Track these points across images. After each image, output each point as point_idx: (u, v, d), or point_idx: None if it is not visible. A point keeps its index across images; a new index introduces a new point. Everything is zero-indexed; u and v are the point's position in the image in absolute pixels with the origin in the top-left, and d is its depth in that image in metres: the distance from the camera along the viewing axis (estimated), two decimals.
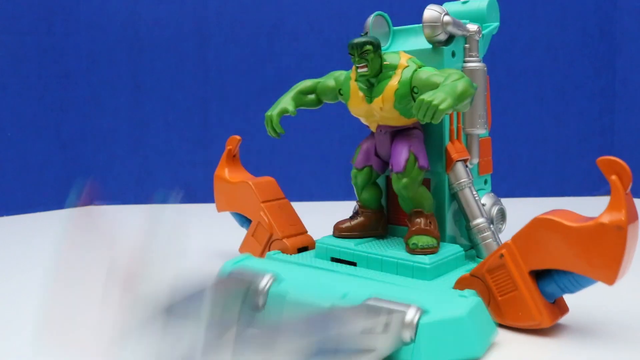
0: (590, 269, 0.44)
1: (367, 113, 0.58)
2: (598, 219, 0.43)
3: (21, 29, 1.16)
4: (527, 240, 0.47)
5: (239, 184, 0.73)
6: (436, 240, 0.56)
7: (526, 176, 1.27)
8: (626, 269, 0.44)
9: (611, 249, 0.42)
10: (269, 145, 1.26)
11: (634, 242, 0.44)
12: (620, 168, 0.43)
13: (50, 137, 1.22)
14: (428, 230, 0.56)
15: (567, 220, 0.45)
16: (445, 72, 0.53)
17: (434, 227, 0.57)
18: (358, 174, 0.62)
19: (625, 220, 0.42)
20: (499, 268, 0.48)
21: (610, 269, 0.43)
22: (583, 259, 0.44)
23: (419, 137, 0.58)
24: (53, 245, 0.87)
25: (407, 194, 0.56)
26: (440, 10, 0.57)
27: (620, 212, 0.42)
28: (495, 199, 0.63)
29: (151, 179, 1.29)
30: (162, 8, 1.25)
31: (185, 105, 1.27)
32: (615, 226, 0.42)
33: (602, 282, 0.44)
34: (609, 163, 0.43)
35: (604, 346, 0.46)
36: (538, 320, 0.47)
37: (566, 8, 1.23)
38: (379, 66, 0.55)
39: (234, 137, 0.76)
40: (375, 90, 0.56)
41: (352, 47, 0.54)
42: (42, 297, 0.61)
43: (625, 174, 0.43)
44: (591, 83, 1.25)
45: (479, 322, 0.43)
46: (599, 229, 0.43)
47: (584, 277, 0.45)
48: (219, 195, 0.76)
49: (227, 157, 0.76)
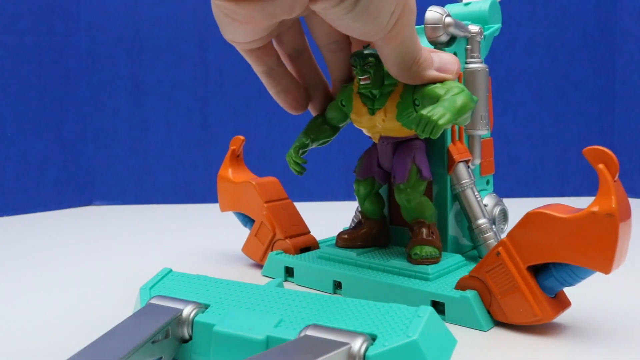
0: (585, 259, 0.44)
1: (369, 124, 0.58)
2: (588, 209, 0.43)
3: (21, 29, 1.16)
4: (522, 236, 0.47)
5: (242, 184, 0.72)
6: (438, 250, 0.56)
7: (526, 176, 1.27)
8: (622, 257, 0.44)
9: (604, 237, 0.42)
10: (269, 146, 1.26)
11: (626, 229, 0.44)
12: (607, 157, 0.43)
13: (50, 137, 1.22)
14: (430, 240, 0.56)
15: (558, 212, 0.45)
16: (446, 85, 0.52)
17: (436, 237, 0.57)
18: (360, 185, 0.62)
19: (615, 208, 0.42)
20: (497, 266, 0.48)
21: (605, 257, 0.43)
22: (578, 249, 0.44)
23: (421, 148, 0.58)
24: (53, 245, 0.87)
25: (409, 205, 0.56)
26: (441, 11, 0.57)
27: (610, 199, 0.42)
28: (498, 199, 0.63)
29: (151, 179, 1.29)
30: (162, 8, 1.25)
31: (185, 105, 1.27)
32: (606, 214, 0.42)
33: (599, 271, 0.44)
34: (595, 153, 0.43)
35: (604, 346, 0.46)
36: (539, 315, 0.47)
37: (566, 8, 1.23)
38: (381, 78, 0.55)
39: (237, 138, 0.75)
40: (377, 102, 0.56)
41: (356, 59, 0.54)
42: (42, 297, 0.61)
43: (612, 163, 0.43)
44: (591, 83, 1.25)
45: (433, 340, 0.38)
46: (590, 218, 0.43)
47: (581, 268, 0.45)
48: (223, 195, 0.76)
49: (230, 157, 0.75)
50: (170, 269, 0.52)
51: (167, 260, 0.77)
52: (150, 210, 1.21)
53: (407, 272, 0.56)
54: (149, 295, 0.48)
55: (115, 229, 1.02)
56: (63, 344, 0.48)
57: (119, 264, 0.76)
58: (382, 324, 0.38)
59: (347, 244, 0.63)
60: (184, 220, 1.08)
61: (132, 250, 0.84)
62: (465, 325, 0.50)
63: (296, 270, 0.64)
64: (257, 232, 0.71)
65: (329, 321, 0.40)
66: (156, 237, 0.94)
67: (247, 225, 0.74)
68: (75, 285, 0.66)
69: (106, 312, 0.56)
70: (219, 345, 0.41)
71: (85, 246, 0.87)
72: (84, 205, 1.28)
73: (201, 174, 1.28)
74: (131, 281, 0.66)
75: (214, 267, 0.73)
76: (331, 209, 1.05)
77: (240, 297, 0.46)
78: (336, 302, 0.42)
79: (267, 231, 0.69)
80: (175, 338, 0.43)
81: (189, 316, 0.43)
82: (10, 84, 1.16)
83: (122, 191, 1.29)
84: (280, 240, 0.68)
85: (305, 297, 0.45)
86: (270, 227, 0.69)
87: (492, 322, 0.50)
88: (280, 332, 0.40)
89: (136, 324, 0.41)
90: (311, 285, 0.63)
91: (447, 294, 0.51)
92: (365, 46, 0.55)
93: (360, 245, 0.62)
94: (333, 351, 0.35)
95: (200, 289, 0.48)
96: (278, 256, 0.67)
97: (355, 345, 0.36)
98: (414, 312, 0.39)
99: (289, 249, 0.67)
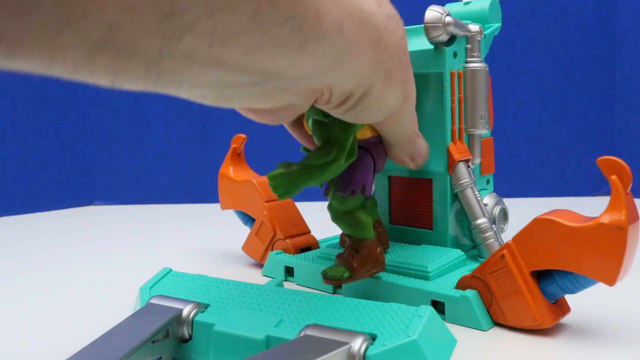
0: (590, 269, 0.44)
1: None
2: (598, 219, 0.43)
3: None
4: (528, 241, 0.47)
5: (243, 183, 0.72)
6: (350, 272, 0.51)
7: (526, 176, 1.27)
8: (627, 269, 0.44)
9: (611, 249, 0.42)
10: (269, 146, 1.26)
11: (634, 243, 0.44)
12: (621, 168, 0.43)
13: (50, 137, 1.22)
14: (347, 261, 0.52)
15: (567, 220, 0.45)
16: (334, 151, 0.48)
17: (360, 257, 0.52)
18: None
19: (625, 220, 0.42)
20: (500, 269, 0.48)
21: (610, 269, 0.43)
22: (583, 259, 0.44)
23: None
24: (53, 245, 0.87)
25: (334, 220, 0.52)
26: (441, 11, 0.57)
27: (621, 212, 0.42)
28: (498, 198, 0.63)
29: (151, 179, 1.29)
30: None
31: (185, 105, 1.27)
32: (616, 226, 0.42)
33: (603, 282, 0.44)
34: (609, 163, 0.43)
35: (604, 346, 0.46)
36: (539, 320, 0.47)
37: (566, 8, 1.23)
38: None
39: (239, 136, 0.75)
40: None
41: None
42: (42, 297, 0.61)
43: (625, 174, 0.43)
44: (591, 83, 1.25)
45: (433, 340, 0.38)
46: (599, 229, 0.43)
47: (585, 278, 0.45)
48: (223, 194, 0.75)
49: (232, 156, 0.75)
50: (170, 268, 0.52)
51: (167, 260, 0.77)
52: (150, 210, 1.21)
53: (407, 271, 0.56)
54: (148, 295, 0.48)
55: (115, 229, 1.02)
56: (63, 344, 0.48)
57: (119, 264, 0.76)
58: (382, 324, 0.38)
59: None
60: (184, 220, 1.08)
61: (132, 250, 0.84)
62: (465, 325, 0.50)
63: (296, 270, 0.64)
64: (257, 232, 0.71)
65: (329, 321, 0.40)
66: (156, 237, 0.94)
67: (247, 224, 0.74)
68: (75, 285, 0.66)
69: (106, 311, 0.56)
70: (218, 344, 0.41)
71: (85, 246, 0.87)
72: (84, 205, 1.28)
73: (201, 174, 1.28)
74: (131, 281, 0.66)
75: (214, 267, 0.73)
76: None
77: (240, 296, 0.46)
78: (336, 302, 0.42)
79: (268, 230, 0.69)
80: (175, 338, 0.43)
81: (189, 316, 0.43)
82: (10, 84, 1.16)
83: (122, 191, 1.29)
84: (280, 239, 0.68)
85: (305, 296, 0.44)
86: (271, 226, 0.69)
87: (492, 322, 0.50)
88: (280, 331, 0.40)
89: (136, 323, 0.41)
90: (311, 285, 0.63)
91: (448, 294, 0.51)
92: None
93: None
94: (333, 351, 0.35)
95: (200, 288, 0.48)
96: (278, 256, 0.67)
97: (355, 344, 0.36)
98: (414, 311, 0.38)
99: (289, 249, 0.67)
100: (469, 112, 0.62)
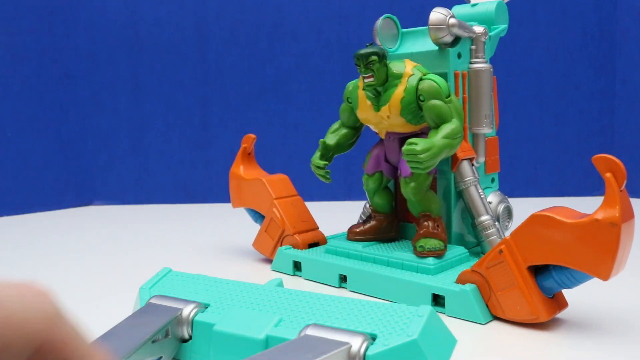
0: (585, 264, 0.44)
1: (375, 120, 0.60)
2: (592, 216, 0.44)
3: (21, 29, 1.16)
4: (525, 237, 0.47)
5: (253, 181, 0.74)
6: (443, 242, 0.57)
7: (526, 176, 1.27)
8: (621, 265, 0.45)
9: (605, 245, 0.43)
10: (269, 146, 1.26)
11: (628, 239, 0.44)
12: (615, 165, 0.44)
13: (50, 137, 1.22)
14: (436, 233, 0.57)
15: (563, 216, 0.46)
16: (444, 112, 0.55)
17: (442, 230, 0.58)
18: (369, 180, 0.64)
19: (619, 217, 0.43)
20: (499, 263, 0.49)
21: (604, 264, 0.43)
22: (578, 254, 0.44)
23: None
24: (53, 245, 0.87)
25: (415, 198, 0.57)
26: (445, 12, 0.58)
27: (614, 208, 0.43)
28: (502, 196, 0.64)
29: (151, 179, 1.29)
30: (162, 8, 1.25)
31: (185, 105, 1.27)
32: (609, 223, 0.43)
33: (597, 277, 0.44)
34: (603, 161, 0.44)
35: (600, 340, 0.46)
36: (536, 314, 0.48)
37: (566, 8, 1.23)
38: (384, 75, 0.56)
39: (249, 136, 0.77)
40: (382, 98, 0.57)
41: (358, 58, 0.55)
42: None
43: (620, 172, 0.43)
44: (591, 83, 1.25)
45: (433, 340, 0.38)
46: (593, 225, 0.44)
47: (580, 273, 0.46)
48: (234, 192, 0.77)
49: (242, 155, 0.77)
50: (170, 268, 0.52)
51: (167, 259, 0.77)
52: (150, 210, 1.21)
53: (410, 265, 0.57)
54: (148, 295, 0.48)
55: (115, 228, 1.02)
56: None
57: (119, 263, 0.76)
58: (382, 324, 0.38)
59: (357, 237, 0.64)
60: (184, 220, 1.08)
61: (131, 250, 0.84)
62: (464, 318, 0.51)
63: (304, 265, 0.66)
64: (267, 228, 0.72)
65: (329, 321, 0.40)
66: (156, 237, 0.94)
67: (257, 221, 0.76)
68: (75, 284, 0.66)
69: (106, 311, 0.56)
70: (218, 344, 0.41)
71: (85, 246, 0.87)
72: (84, 205, 1.28)
73: (201, 174, 1.28)
74: (131, 281, 0.66)
75: (214, 267, 0.73)
76: (331, 208, 1.05)
77: (240, 296, 0.46)
78: (336, 302, 0.42)
79: (277, 227, 0.71)
80: (175, 337, 0.43)
81: (189, 316, 0.43)
82: (10, 84, 1.16)
83: (122, 191, 1.29)
84: (289, 235, 0.70)
85: (305, 296, 0.44)
86: (280, 222, 0.70)
87: (490, 315, 0.51)
88: (280, 331, 0.40)
89: (136, 323, 0.41)
90: (318, 279, 0.64)
91: (447, 287, 0.52)
92: (368, 44, 0.55)
93: (370, 239, 0.64)
94: (333, 351, 0.35)
95: (200, 288, 0.48)
96: (287, 251, 0.68)
97: (355, 344, 0.36)
98: (414, 311, 0.38)
99: (298, 244, 0.69)
100: (473, 111, 0.62)
